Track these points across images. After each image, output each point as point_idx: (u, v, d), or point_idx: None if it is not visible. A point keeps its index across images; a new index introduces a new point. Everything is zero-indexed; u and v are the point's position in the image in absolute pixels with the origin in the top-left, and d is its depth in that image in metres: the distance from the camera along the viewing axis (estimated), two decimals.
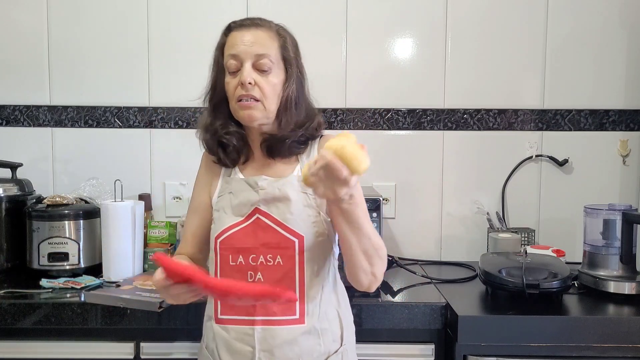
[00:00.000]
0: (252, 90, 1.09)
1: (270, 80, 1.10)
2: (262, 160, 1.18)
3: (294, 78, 1.13)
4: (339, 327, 1.15)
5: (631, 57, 1.89)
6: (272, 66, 1.10)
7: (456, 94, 1.91)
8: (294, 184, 1.12)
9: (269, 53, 1.09)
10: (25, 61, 1.90)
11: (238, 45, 1.10)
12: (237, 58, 1.10)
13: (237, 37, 1.11)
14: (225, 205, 1.14)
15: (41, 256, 1.59)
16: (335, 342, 1.13)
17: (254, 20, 1.13)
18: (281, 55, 1.12)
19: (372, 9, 1.89)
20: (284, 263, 1.08)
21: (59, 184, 1.92)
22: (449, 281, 1.62)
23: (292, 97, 1.12)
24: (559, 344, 1.31)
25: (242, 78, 1.08)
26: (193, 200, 1.25)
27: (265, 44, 1.10)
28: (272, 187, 1.11)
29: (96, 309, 1.37)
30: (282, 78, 1.12)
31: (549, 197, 1.93)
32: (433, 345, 1.40)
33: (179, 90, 1.91)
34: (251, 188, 1.13)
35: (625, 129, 1.91)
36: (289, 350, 1.07)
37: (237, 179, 1.16)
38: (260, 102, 1.10)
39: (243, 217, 1.11)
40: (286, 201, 1.10)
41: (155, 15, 1.89)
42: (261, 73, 1.09)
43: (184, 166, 1.91)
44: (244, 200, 1.12)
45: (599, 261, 1.54)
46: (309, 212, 1.11)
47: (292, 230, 1.09)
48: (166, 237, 1.71)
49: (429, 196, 1.93)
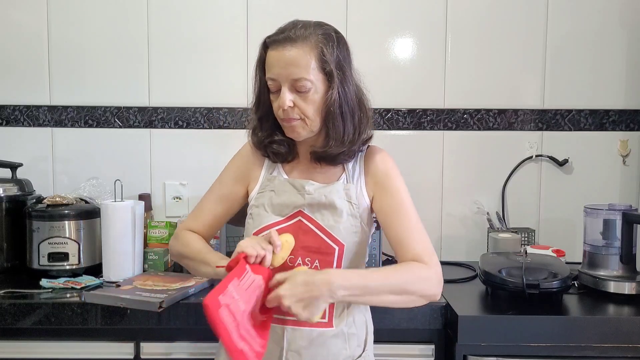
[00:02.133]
0: (292, 112, 1.07)
1: (310, 99, 1.07)
2: (307, 163, 1.17)
3: (335, 88, 1.08)
4: (364, 332, 1.16)
5: (631, 57, 1.89)
6: (310, 86, 1.06)
7: (456, 94, 1.91)
8: (340, 192, 1.12)
9: (305, 75, 1.05)
10: (25, 61, 1.90)
11: (274, 68, 1.07)
12: (274, 80, 1.08)
13: (273, 57, 1.07)
14: (265, 203, 1.14)
15: (41, 256, 1.59)
16: (360, 346, 1.15)
17: (289, 34, 1.06)
18: (320, 69, 1.07)
19: (372, 9, 1.89)
20: (321, 267, 1.08)
21: (59, 184, 1.92)
22: (449, 281, 1.62)
23: (335, 108, 1.08)
24: (559, 344, 1.31)
25: (280, 103, 1.07)
26: (222, 186, 1.22)
27: (301, 64, 1.05)
28: (318, 193, 1.11)
29: (96, 309, 1.37)
30: (323, 90, 1.08)
31: (549, 197, 1.93)
32: (433, 345, 1.40)
33: (179, 90, 1.91)
34: (297, 191, 1.13)
35: (625, 129, 1.91)
36: (316, 352, 1.08)
37: (281, 179, 1.16)
38: (302, 120, 1.09)
39: (283, 217, 1.12)
40: (332, 209, 1.10)
41: (155, 15, 1.89)
42: (299, 93, 1.07)
43: (184, 166, 1.91)
44: (287, 201, 1.12)
45: (599, 261, 1.54)
46: (352, 221, 1.11)
47: (335, 238, 1.09)
48: (166, 237, 1.71)
49: (429, 196, 1.93)
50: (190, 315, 1.37)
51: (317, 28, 1.09)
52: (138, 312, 1.35)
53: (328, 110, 1.08)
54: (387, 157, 1.18)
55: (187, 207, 1.91)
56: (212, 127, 1.91)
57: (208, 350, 1.38)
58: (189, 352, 1.40)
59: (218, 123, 1.91)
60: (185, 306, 1.37)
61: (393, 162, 1.17)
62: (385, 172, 1.15)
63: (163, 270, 1.66)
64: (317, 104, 1.08)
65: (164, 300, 1.33)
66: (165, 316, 1.36)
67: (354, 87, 1.13)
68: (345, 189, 1.13)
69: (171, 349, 1.41)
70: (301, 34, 1.06)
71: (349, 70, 1.12)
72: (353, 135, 1.12)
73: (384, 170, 1.15)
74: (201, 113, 1.91)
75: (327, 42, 1.07)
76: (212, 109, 1.91)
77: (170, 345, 1.40)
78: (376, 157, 1.17)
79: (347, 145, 1.11)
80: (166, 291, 1.40)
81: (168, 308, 1.34)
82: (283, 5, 1.87)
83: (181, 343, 1.40)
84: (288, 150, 1.16)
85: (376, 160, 1.16)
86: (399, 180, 1.15)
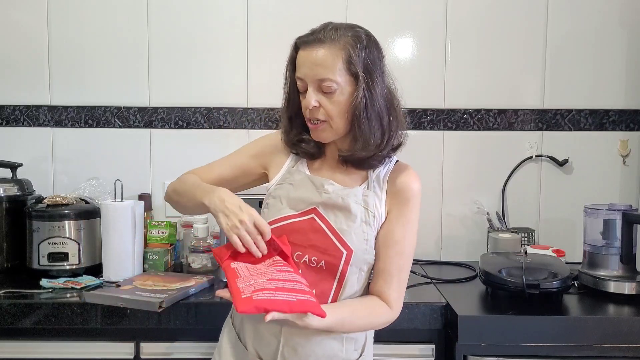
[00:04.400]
0: (317, 113, 1.08)
1: (336, 100, 1.07)
2: (333, 162, 1.17)
3: (361, 91, 1.06)
4: (363, 337, 1.16)
5: (631, 57, 1.89)
6: (336, 87, 1.06)
7: (456, 94, 1.91)
8: (358, 197, 1.11)
9: (331, 76, 1.05)
10: (25, 61, 1.90)
11: (302, 68, 1.07)
12: (302, 80, 1.08)
13: (302, 57, 1.08)
14: (282, 195, 1.14)
15: (41, 256, 1.59)
16: (357, 351, 1.14)
17: (318, 36, 1.07)
18: (346, 71, 1.06)
19: (372, 9, 1.89)
20: (326, 268, 1.08)
21: (59, 184, 1.92)
22: (449, 281, 1.62)
23: (360, 110, 1.07)
24: (559, 344, 1.31)
25: (306, 103, 1.08)
26: (239, 155, 1.25)
27: (327, 65, 1.05)
28: (336, 194, 1.11)
29: (96, 309, 1.37)
30: (350, 92, 1.07)
31: (549, 197, 1.93)
32: (433, 345, 1.40)
33: (179, 90, 1.91)
34: (315, 187, 1.12)
35: (625, 129, 1.91)
36: (312, 350, 1.08)
37: (302, 174, 1.16)
38: (327, 123, 1.08)
39: (297, 212, 1.11)
40: (346, 212, 1.10)
41: (155, 15, 1.89)
42: (325, 94, 1.07)
43: (184, 166, 1.89)
44: (304, 196, 1.12)
45: (599, 261, 1.54)
46: (364, 228, 1.10)
47: (345, 242, 1.08)
48: (166, 237, 1.71)
49: (429, 196, 1.92)
50: (190, 315, 1.37)
51: (348, 30, 1.08)
52: (138, 312, 1.35)
53: (354, 112, 1.07)
54: (414, 179, 1.14)
55: None
56: (212, 127, 1.91)
57: (208, 350, 1.38)
58: (189, 352, 1.40)
59: (218, 123, 1.91)
60: (185, 306, 1.37)
61: (419, 187, 1.14)
62: (406, 197, 1.12)
63: (163, 270, 1.66)
64: (342, 106, 1.07)
65: (164, 300, 1.33)
66: (165, 316, 1.36)
67: (384, 90, 1.11)
68: (364, 194, 1.12)
69: (171, 349, 1.41)
70: (330, 36, 1.06)
71: (379, 72, 1.10)
72: (381, 140, 1.10)
73: (405, 192, 1.13)
74: (201, 113, 1.91)
75: (356, 44, 1.06)
76: (212, 109, 1.91)
77: (170, 345, 1.41)
78: (403, 176, 1.14)
79: (373, 149, 1.10)
80: (166, 291, 1.40)
81: (168, 308, 1.34)
82: (283, 5, 1.87)
83: (181, 343, 1.41)
84: (317, 150, 1.16)
85: (402, 179, 1.14)
86: (416, 211, 1.14)
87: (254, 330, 1.11)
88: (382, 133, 1.10)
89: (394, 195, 1.13)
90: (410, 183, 1.13)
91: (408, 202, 1.12)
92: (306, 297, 0.96)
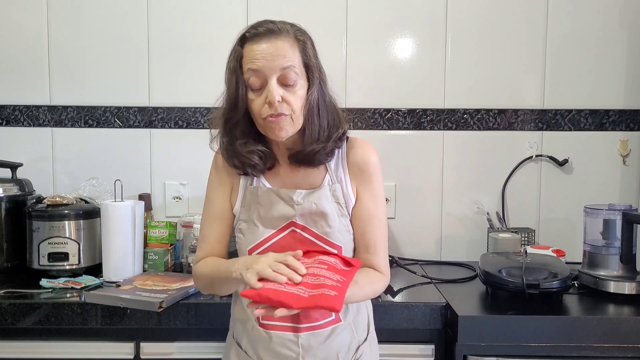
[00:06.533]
0: (281, 108, 1.02)
1: (297, 93, 1.04)
2: (288, 167, 1.14)
3: (316, 84, 1.06)
4: (366, 315, 1.20)
5: (631, 57, 1.89)
6: (297, 78, 1.03)
7: (456, 94, 1.91)
8: (327, 196, 1.11)
9: (293, 65, 1.02)
10: (25, 61, 1.90)
11: (258, 60, 1.01)
12: (259, 74, 1.02)
13: (255, 49, 1.02)
14: (253, 217, 1.12)
15: (41, 256, 1.59)
16: (364, 330, 1.18)
17: (270, 28, 1.04)
18: (303, 63, 1.05)
19: (372, 9, 1.89)
20: None
21: (59, 184, 1.92)
22: (449, 281, 1.62)
23: (314, 105, 1.06)
24: (559, 344, 1.31)
25: (270, 97, 1.01)
26: (212, 206, 1.18)
27: (287, 55, 1.02)
28: (307, 202, 1.10)
29: (96, 309, 1.37)
30: (306, 87, 1.06)
31: (549, 197, 1.93)
32: (433, 345, 1.40)
33: (179, 90, 1.91)
34: (284, 202, 1.11)
35: (625, 129, 1.91)
36: (329, 346, 1.10)
37: (264, 190, 1.13)
38: (289, 117, 1.04)
39: (276, 230, 1.11)
40: (323, 215, 1.10)
41: (155, 15, 1.89)
42: (287, 87, 1.03)
43: (184, 166, 1.91)
44: (277, 214, 1.11)
45: (599, 261, 1.54)
46: (343, 221, 1.12)
47: (332, 242, 1.10)
48: (166, 237, 1.71)
49: (429, 196, 1.93)
50: (190, 315, 1.37)
51: (292, 25, 1.08)
52: (138, 312, 1.35)
53: (310, 106, 1.06)
54: (368, 151, 1.14)
55: (187, 207, 1.91)
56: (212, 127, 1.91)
57: (208, 350, 1.38)
58: (189, 352, 1.40)
59: None
60: (185, 306, 1.37)
61: (375, 157, 1.14)
62: (368, 172, 1.13)
63: (163, 270, 1.66)
64: (302, 100, 1.05)
65: (164, 300, 1.33)
66: (165, 316, 1.36)
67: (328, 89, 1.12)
68: (332, 190, 1.12)
69: (171, 349, 1.41)
70: (282, 27, 1.05)
71: (322, 70, 1.11)
72: (329, 132, 1.10)
73: (366, 169, 1.13)
74: (201, 113, 1.91)
75: (305, 39, 1.07)
76: (212, 109, 1.90)
77: (170, 345, 1.40)
78: (358, 152, 1.14)
79: (322, 142, 1.08)
80: (166, 291, 1.40)
81: (168, 308, 1.34)
82: (283, 5, 1.87)
83: (181, 343, 1.40)
84: (264, 161, 1.11)
85: (357, 155, 1.14)
86: (380, 180, 1.15)
87: (268, 349, 1.10)
88: (330, 126, 1.10)
89: (357, 174, 1.14)
90: (368, 157, 1.14)
91: (371, 177, 1.14)
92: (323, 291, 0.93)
